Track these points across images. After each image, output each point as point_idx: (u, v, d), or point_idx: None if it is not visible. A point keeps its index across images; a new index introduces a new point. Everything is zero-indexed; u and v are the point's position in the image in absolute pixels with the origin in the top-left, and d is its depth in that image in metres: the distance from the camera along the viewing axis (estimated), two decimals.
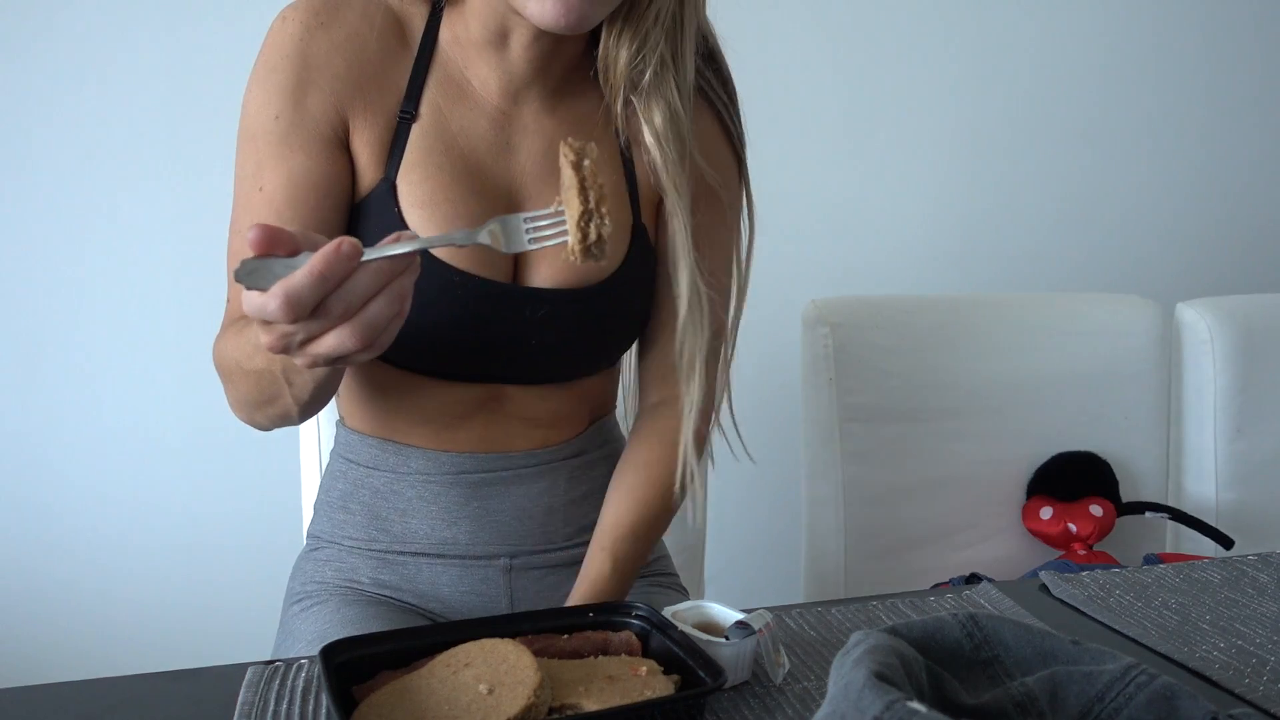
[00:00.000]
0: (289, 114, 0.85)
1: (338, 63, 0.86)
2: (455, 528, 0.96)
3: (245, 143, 0.87)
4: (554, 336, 0.93)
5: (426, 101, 0.90)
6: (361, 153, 0.88)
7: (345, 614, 0.93)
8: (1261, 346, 1.54)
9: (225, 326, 0.87)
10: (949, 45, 2.11)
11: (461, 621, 0.71)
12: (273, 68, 0.85)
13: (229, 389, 0.86)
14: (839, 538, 1.39)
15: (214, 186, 1.71)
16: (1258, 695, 0.73)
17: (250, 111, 0.86)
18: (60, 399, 1.77)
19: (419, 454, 0.97)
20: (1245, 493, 1.54)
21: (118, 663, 0.89)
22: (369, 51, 0.88)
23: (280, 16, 0.87)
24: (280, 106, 0.85)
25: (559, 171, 0.83)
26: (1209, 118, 2.31)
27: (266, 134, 0.85)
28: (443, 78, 0.91)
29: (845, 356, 1.38)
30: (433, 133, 0.89)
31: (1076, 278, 2.24)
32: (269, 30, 0.87)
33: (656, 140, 0.90)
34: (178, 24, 1.72)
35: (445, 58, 0.91)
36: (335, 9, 0.87)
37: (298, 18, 0.86)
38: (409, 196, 0.88)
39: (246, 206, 0.87)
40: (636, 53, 0.88)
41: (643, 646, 0.72)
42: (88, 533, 1.81)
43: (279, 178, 0.85)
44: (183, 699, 0.71)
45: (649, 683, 0.65)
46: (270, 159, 0.85)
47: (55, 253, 1.73)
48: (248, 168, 0.87)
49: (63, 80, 1.69)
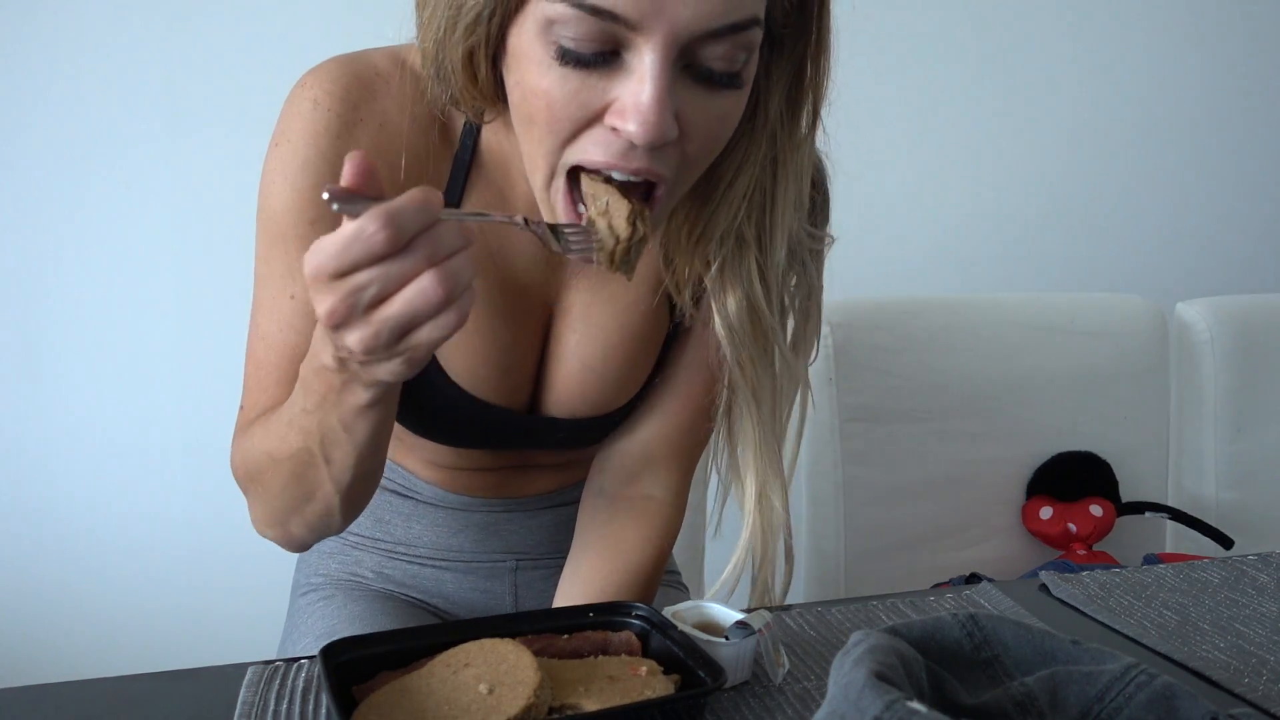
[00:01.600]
0: (329, 219, 0.72)
1: (379, 163, 0.73)
2: (460, 536, 0.96)
3: (273, 240, 0.77)
4: (568, 445, 0.91)
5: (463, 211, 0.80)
6: None
7: (352, 610, 0.93)
8: (1261, 346, 1.54)
9: (242, 429, 0.79)
10: (948, 45, 2.11)
11: (461, 621, 0.71)
12: (305, 163, 0.74)
13: (258, 498, 0.78)
14: (839, 538, 1.39)
15: (216, 188, 1.72)
16: (1258, 695, 0.73)
17: (277, 207, 0.75)
18: (60, 399, 1.77)
19: (431, 489, 0.96)
20: (1245, 493, 1.54)
21: (118, 663, 0.89)
22: (411, 155, 0.76)
23: (310, 99, 0.74)
24: (316, 211, 0.74)
25: (606, 282, 0.80)
26: (1209, 118, 2.30)
27: (302, 237, 0.74)
28: (482, 185, 0.79)
29: (845, 356, 1.38)
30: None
31: (1076, 278, 2.24)
32: (293, 108, 0.75)
33: (728, 331, 0.77)
34: (179, 23, 1.71)
35: (485, 164, 0.79)
36: (374, 97, 0.75)
37: (334, 108, 0.74)
38: None
39: (274, 312, 0.78)
40: (706, 239, 0.74)
41: (643, 646, 0.72)
42: (88, 533, 1.81)
43: None
44: (183, 699, 0.71)
45: (649, 683, 0.65)
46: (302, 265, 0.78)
47: (55, 254, 1.73)
48: (275, 267, 0.77)
49: (63, 79, 1.69)
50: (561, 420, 0.87)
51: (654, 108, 0.60)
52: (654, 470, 0.91)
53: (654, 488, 0.91)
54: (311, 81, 0.75)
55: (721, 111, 0.65)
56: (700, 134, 0.64)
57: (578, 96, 0.62)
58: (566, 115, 0.62)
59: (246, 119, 1.67)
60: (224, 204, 0.86)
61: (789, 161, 0.74)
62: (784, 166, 0.74)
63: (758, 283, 0.76)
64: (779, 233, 0.76)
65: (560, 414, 0.87)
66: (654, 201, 0.66)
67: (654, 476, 0.91)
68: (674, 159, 0.65)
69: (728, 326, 0.77)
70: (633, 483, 0.91)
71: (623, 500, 0.91)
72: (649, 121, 0.60)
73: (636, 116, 0.60)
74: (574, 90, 0.62)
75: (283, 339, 0.78)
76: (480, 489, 0.95)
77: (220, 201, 1.66)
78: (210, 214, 1.72)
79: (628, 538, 0.89)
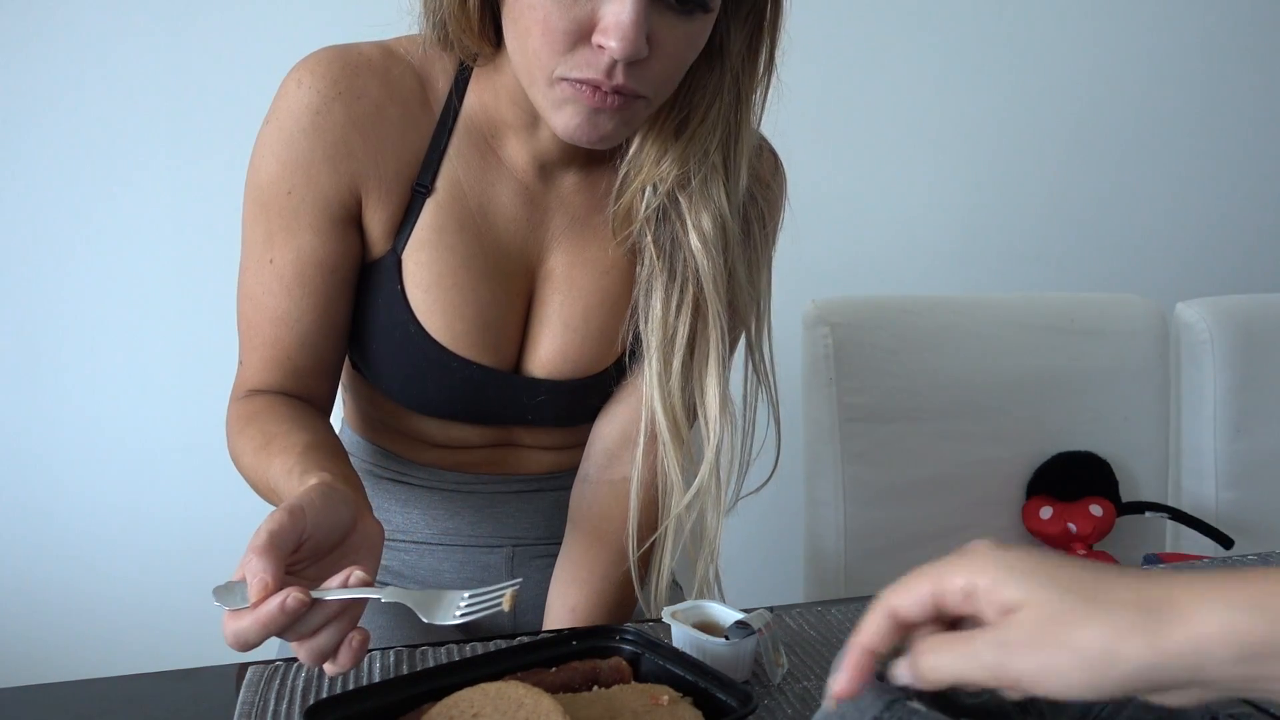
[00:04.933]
0: (301, 190, 0.82)
1: (354, 139, 0.82)
2: (457, 518, 0.97)
3: (256, 207, 0.85)
4: (552, 413, 0.93)
5: (445, 174, 0.86)
6: (374, 225, 0.86)
7: None
8: (1261, 346, 1.54)
9: (239, 393, 0.88)
10: (949, 44, 2.11)
11: (445, 665, 0.66)
12: (287, 139, 0.82)
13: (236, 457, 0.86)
14: (839, 538, 1.39)
15: (216, 186, 1.72)
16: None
17: (262, 180, 0.83)
18: (60, 399, 1.77)
19: (425, 470, 0.98)
20: (1245, 492, 1.54)
21: (118, 663, 0.89)
22: (388, 123, 0.84)
23: (295, 79, 0.82)
24: (293, 182, 0.82)
25: (586, 245, 0.85)
26: (1209, 117, 2.31)
27: (280, 207, 0.83)
28: (466, 147, 0.86)
29: (845, 356, 1.38)
30: (448, 208, 0.86)
31: (1076, 278, 2.24)
32: (283, 89, 0.83)
33: (703, 243, 0.85)
34: (179, 21, 1.71)
35: (471, 124, 0.86)
36: (355, 75, 0.83)
37: (316, 86, 0.82)
38: (413, 275, 0.86)
39: (257, 275, 0.85)
40: (685, 155, 0.83)
41: (634, 669, 0.69)
42: (88, 533, 1.81)
43: (289, 253, 0.84)
44: (183, 699, 0.71)
45: (675, 713, 0.62)
46: (281, 231, 0.83)
47: (54, 253, 1.73)
48: (258, 234, 0.85)
49: (63, 79, 1.69)
50: (543, 381, 0.90)
51: (632, 27, 0.70)
52: (632, 451, 0.92)
53: (633, 469, 0.93)
54: (299, 66, 0.83)
55: (689, 34, 0.75)
56: (669, 54, 0.74)
57: (570, 12, 0.71)
58: (561, 29, 0.71)
59: (248, 120, 1.67)
60: (224, 204, 0.86)
61: (748, 99, 0.84)
62: (745, 103, 0.84)
63: (725, 204, 0.85)
64: (742, 161, 0.86)
65: (542, 374, 0.91)
66: (632, 110, 0.76)
67: (632, 457, 0.92)
68: (648, 76, 0.74)
69: (702, 240, 0.84)
70: (613, 465, 0.94)
71: (604, 484, 0.94)
72: (627, 38, 0.70)
73: (617, 33, 0.70)
74: (567, 6, 0.71)
75: (266, 301, 0.85)
76: (472, 466, 0.97)
77: (221, 201, 1.65)
78: (211, 213, 1.71)
79: (613, 519, 0.92)
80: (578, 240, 0.90)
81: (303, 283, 0.84)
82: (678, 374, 0.86)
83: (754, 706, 0.62)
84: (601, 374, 0.92)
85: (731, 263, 0.86)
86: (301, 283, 0.84)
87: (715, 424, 0.86)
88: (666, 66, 0.75)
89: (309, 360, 0.87)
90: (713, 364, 0.86)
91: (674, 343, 0.86)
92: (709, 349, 0.86)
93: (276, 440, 0.78)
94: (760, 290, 0.91)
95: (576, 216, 0.90)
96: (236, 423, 0.84)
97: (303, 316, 0.85)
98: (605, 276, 0.90)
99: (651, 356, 0.86)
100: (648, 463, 0.89)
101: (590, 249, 0.90)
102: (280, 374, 0.87)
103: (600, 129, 0.76)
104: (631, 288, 0.89)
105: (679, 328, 0.86)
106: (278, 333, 0.85)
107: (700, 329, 0.87)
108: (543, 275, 0.90)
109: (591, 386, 0.93)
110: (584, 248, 0.90)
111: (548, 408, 0.92)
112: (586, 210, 0.90)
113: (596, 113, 0.75)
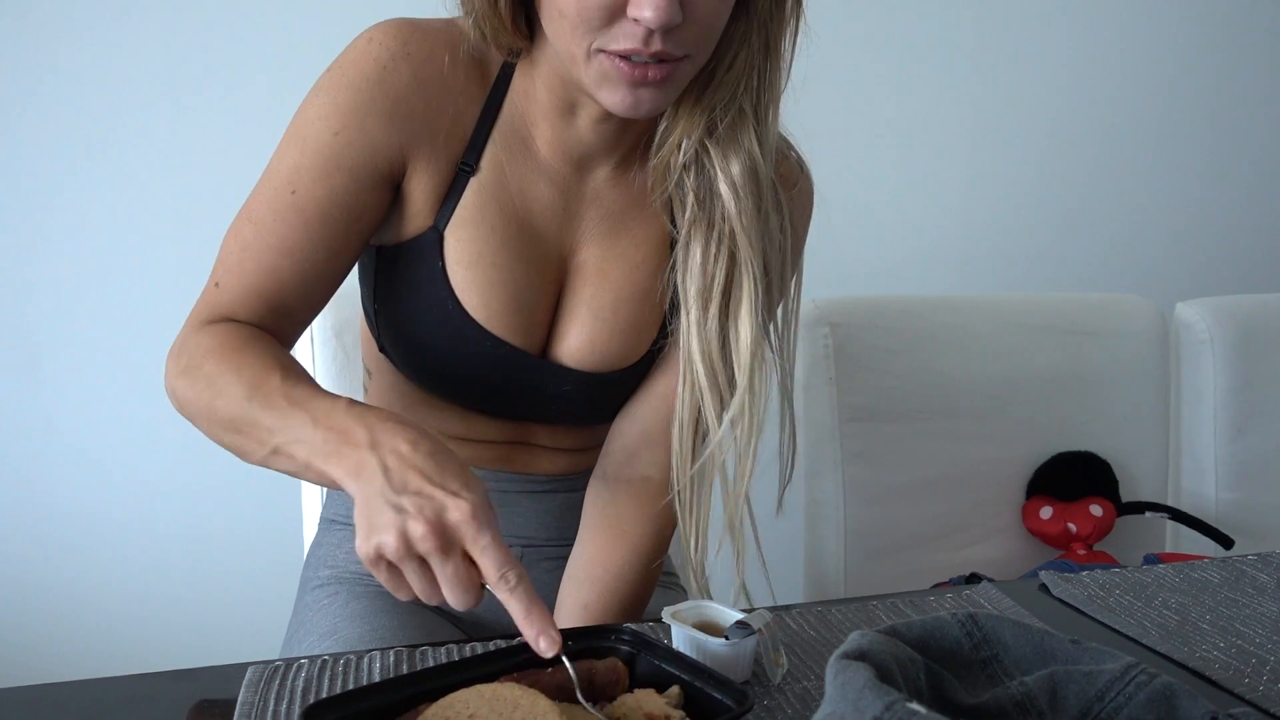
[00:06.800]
0: (350, 134, 0.82)
1: (416, 101, 0.83)
2: None
3: (293, 141, 0.83)
4: (574, 407, 0.94)
5: (489, 156, 0.87)
6: (416, 196, 0.86)
7: (354, 608, 0.95)
8: (1261, 346, 1.54)
9: (204, 322, 0.84)
10: (950, 47, 2.11)
11: (440, 666, 0.65)
12: (348, 84, 0.82)
13: (184, 385, 0.85)
14: (839, 538, 1.39)
15: (216, 185, 1.72)
16: (1258, 695, 0.73)
17: (309, 116, 0.83)
18: (60, 398, 1.77)
19: None
20: (1245, 493, 1.54)
21: (118, 663, 0.89)
22: (449, 94, 0.85)
23: (367, 37, 0.83)
24: (342, 124, 0.82)
25: (618, 240, 0.86)
26: (1209, 118, 2.31)
27: (319, 144, 0.82)
28: (508, 132, 0.87)
29: (845, 356, 1.38)
30: (490, 189, 0.87)
31: (1076, 278, 2.24)
32: (352, 45, 0.83)
33: (733, 189, 0.85)
34: (179, 21, 1.71)
35: (512, 111, 0.88)
36: (425, 39, 0.83)
37: (386, 43, 0.82)
38: (455, 252, 0.86)
39: (272, 202, 0.83)
40: (712, 102, 0.84)
41: (630, 670, 0.68)
42: (87, 532, 1.81)
43: (319, 190, 0.82)
44: (183, 699, 0.71)
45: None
46: (314, 168, 0.82)
47: (55, 252, 1.73)
48: (286, 163, 0.83)
49: (63, 78, 1.69)
50: (570, 370, 0.91)
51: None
52: (652, 450, 0.93)
53: (651, 468, 0.93)
54: (371, 27, 0.84)
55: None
56: (702, 15, 0.75)
57: None
58: (595, 4, 0.73)
59: (250, 117, 1.67)
60: (226, 202, 0.86)
61: (778, 46, 0.85)
62: (774, 50, 0.84)
63: (757, 150, 0.85)
64: (772, 108, 0.86)
65: (570, 363, 0.91)
66: (675, 75, 0.77)
67: (651, 456, 0.93)
68: (686, 38, 0.75)
69: (730, 185, 0.85)
70: (631, 463, 0.94)
71: (622, 482, 0.94)
72: (660, 6, 0.71)
73: (651, 3, 0.71)
74: None
75: (276, 228, 0.82)
76: (487, 463, 0.97)
77: (221, 201, 1.66)
78: (211, 213, 1.71)
79: (628, 517, 0.93)
80: (610, 234, 0.91)
81: (325, 221, 0.83)
82: (715, 318, 0.87)
83: (750, 705, 0.62)
84: (626, 370, 0.93)
85: (766, 210, 0.86)
86: (324, 221, 0.83)
87: (747, 367, 0.86)
88: (703, 27, 0.76)
89: (297, 300, 0.85)
90: (745, 310, 0.86)
91: (711, 290, 0.87)
92: (742, 296, 0.87)
93: (294, 367, 0.77)
94: (787, 258, 0.91)
95: (609, 211, 0.91)
96: (212, 347, 0.81)
97: (314, 254, 0.83)
98: (636, 271, 0.91)
99: (690, 306, 0.87)
100: (689, 401, 0.89)
101: (622, 243, 0.91)
102: (263, 308, 0.84)
103: (647, 99, 0.77)
104: (659, 286, 0.91)
105: (716, 274, 0.87)
106: (277, 262, 0.83)
107: (735, 277, 0.87)
108: (574, 266, 0.91)
109: (615, 382, 0.93)
110: (616, 242, 0.91)
111: (570, 400, 0.92)
112: (620, 205, 0.91)
113: (638, 86, 0.76)
